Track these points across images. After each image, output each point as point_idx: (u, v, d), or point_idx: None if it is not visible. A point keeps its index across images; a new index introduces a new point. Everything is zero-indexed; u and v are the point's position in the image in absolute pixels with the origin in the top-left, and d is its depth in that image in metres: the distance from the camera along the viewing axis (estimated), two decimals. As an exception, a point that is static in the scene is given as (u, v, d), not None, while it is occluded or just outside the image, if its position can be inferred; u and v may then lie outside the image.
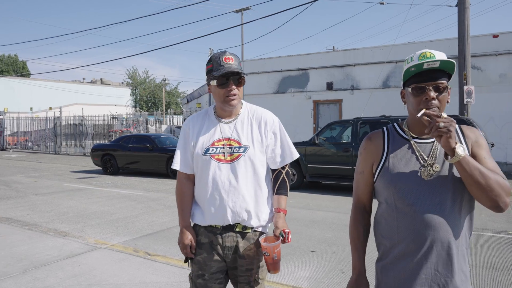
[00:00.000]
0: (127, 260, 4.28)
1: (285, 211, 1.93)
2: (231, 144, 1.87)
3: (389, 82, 14.04)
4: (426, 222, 1.29)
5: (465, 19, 9.93)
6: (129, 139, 13.08)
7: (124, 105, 44.28)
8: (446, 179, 1.31)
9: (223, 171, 1.84)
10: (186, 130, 1.97)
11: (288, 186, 1.99)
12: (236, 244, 1.87)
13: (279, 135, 1.95)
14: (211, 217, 1.87)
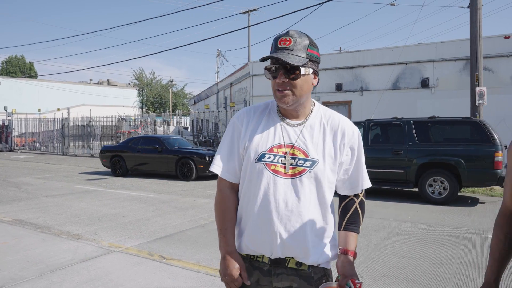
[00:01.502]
0: (142, 264, 4.26)
1: (355, 254, 1.48)
2: (295, 154, 1.44)
3: (399, 84, 13.93)
4: None
5: (477, 20, 9.82)
6: (138, 140, 13.10)
7: (131, 106, 44.44)
8: None
9: (280, 188, 1.41)
10: (237, 125, 1.53)
11: (362, 221, 1.54)
12: (290, 285, 1.46)
13: (357, 152, 1.51)
14: (255, 245, 1.47)
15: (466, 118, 8.20)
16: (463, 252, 4.68)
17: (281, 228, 1.41)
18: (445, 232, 5.62)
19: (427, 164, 8.11)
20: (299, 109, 1.48)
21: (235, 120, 1.55)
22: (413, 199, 8.42)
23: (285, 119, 1.49)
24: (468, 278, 3.86)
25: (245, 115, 1.54)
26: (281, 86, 1.40)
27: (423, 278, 3.85)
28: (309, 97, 1.49)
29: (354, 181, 1.53)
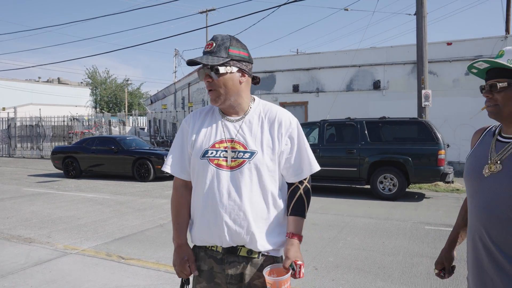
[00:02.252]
0: (100, 265, 4.21)
1: (301, 237, 1.58)
2: (235, 148, 1.53)
3: (353, 85, 14.53)
4: (479, 215, 1.33)
5: (422, 27, 10.50)
6: (93, 141, 12.71)
7: (84, 106, 42.73)
8: (505, 179, 1.27)
9: (222, 180, 1.51)
10: (185, 127, 1.65)
11: (307, 206, 1.63)
12: (242, 272, 1.54)
13: (296, 141, 1.60)
14: (207, 236, 1.56)
15: (413, 119, 8.76)
16: (408, 243, 5.05)
17: (227, 217, 1.49)
18: (393, 226, 6.00)
19: (378, 162, 8.58)
20: (236, 106, 1.58)
21: (184, 123, 1.67)
22: (365, 196, 8.86)
23: (226, 116, 1.60)
24: (412, 265, 4.19)
25: (192, 117, 1.66)
26: (208, 86, 1.54)
27: (373, 268, 4.12)
28: (242, 94, 1.58)
29: (297, 169, 1.60)
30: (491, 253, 1.28)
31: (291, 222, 1.57)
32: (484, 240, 1.30)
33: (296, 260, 1.48)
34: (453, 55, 13.00)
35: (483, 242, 1.31)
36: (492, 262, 1.28)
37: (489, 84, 1.33)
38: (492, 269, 1.28)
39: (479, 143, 1.46)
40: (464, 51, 12.83)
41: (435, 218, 6.50)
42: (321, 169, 1.74)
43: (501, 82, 1.29)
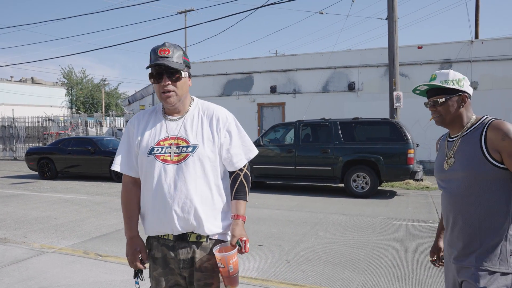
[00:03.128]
0: (78, 262, 4.28)
1: (244, 217, 1.75)
2: (179, 144, 1.70)
3: (328, 87, 14.88)
4: (450, 200, 1.70)
5: (393, 31, 10.91)
6: (69, 142, 12.57)
7: (59, 106, 41.83)
8: (458, 168, 1.67)
9: (169, 173, 1.67)
10: (130, 128, 1.81)
11: (248, 190, 1.81)
12: (192, 256, 1.70)
13: (234, 133, 1.79)
14: (158, 226, 1.71)
15: (384, 119, 9.11)
16: (377, 237, 5.32)
17: (176, 206, 1.66)
18: (364, 221, 6.28)
19: (352, 161, 8.88)
20: (180, 107, 1.76)
21: (129, 125, 1.83)
22: (339, 194, 9.16)
23: (168, 116, 1.77)
24: (378, 257, 4.44)
25: (136, 118, 1.83)
26: (166, 87, 1.67)
27: (341, 260, 4.36)
28: (187, 95, 1.79)
29: (236, 158, 1.78)
30: (458, 224, 1.67)
31: (235, 205, 1.76)
32: (450, 217, 1.70)
33: (241, 237, 1.67)
34: (424, 59, 13.52)
35: (449, 219, 1.71)
36: (459, 229, 1.67)
37: (432, 100, 1.72)
38: (460, 234, 1.66)
39: (439, 147, 1.86)
40: (433, 54, 13.37)
41: (404, 214, 6.82)
42: (297, 168, 2.03)
43: (440, 98, 1.70)
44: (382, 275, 3.88)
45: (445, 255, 1.80)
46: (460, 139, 1.69)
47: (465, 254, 1.64)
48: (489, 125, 1.60)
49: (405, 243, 5.02)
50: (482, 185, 1.59)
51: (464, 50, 12.99)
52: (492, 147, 1.56)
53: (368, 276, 3.86)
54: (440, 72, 1.72)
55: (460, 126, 1.71)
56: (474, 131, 1.65)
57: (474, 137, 1.64)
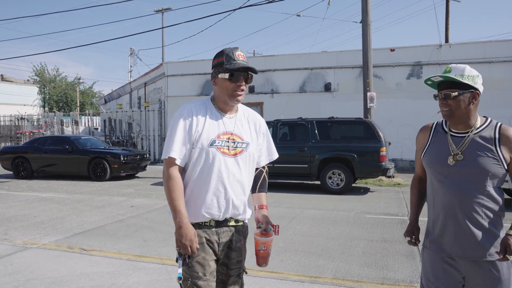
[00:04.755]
0: (63, 256, 4.39)
1: (267, 207, 2.06)
2: (234, 139, 1.91)
3: (305, 87, 15.26)
4: (451, 194, 1.73)
5: (367, 34, 11.35)
6: (45, 140, 12.42)
7: (31, 105, 40.72)
8: (468, 165, 1.69)
9: (228, 165, 1.87)
10: (188, 118, 1.89)
11: (267, 184, 2.12)
12: (231, 239, 1.93)
13: (266, 137, 2.09)
14: (213, 211, 1.87)
15: (358, 119, 9.51)
16: (350, 229, 5.64)
17: (232, 194, 1.89)
18: (338, 215, 6.61)
19: (327, 159, 9.23)
20: (233, 106, 1.97)
21: (186, 115, 1.88)
22: (316, 191, 9.49)
23: (223, 113, 1.95)
24: (350, 247, 4.76)
25: (192, 111, 1.90)
26: (240, 88, 1.88)
27: (317, 250, 4.64)
28: None
29: (264, 157, 2.10)
30: (463, 220, 1.71)
31: (261, 196, 2.05)
32: (458, 211, 1.72)
33: (272, 224, 1.95)
34: (396, 61, 14.08)
35: (457, 213, 1.72)
36: (467, 224, 1.70)
37: (444, 93, 1.73)
38: (468, 230, 1.70)
39: (434, 139, 1.85)
40: (405, 57, 13.95)
41: (376, 209, 7.20)
42: (275, 166, 2.34)
43: (453, 92, 1.70)
44: (354, 262, 4.18)
45: (436, 249, 1.81)
46: (472, 138, 1.72)
47: (476, 248, 1.69)
48: (500, 128, 1.71)
49: (376, 234, 5.36)
50: (490, 182, 1.68)
51: (434, 53, 13.63)
52: (507, 150, 1.67)
53: (341, 264, 4.15)
54: (456, 66, 1.72)
55: (467, 123, 1.74)
56: (484, 131, 1.72)
57: (487, 137, 1.70)
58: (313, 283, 3.63)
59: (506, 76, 13.09)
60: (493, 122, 1.76)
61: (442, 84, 1.75)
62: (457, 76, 1.68)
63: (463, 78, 1.68)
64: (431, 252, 1.84)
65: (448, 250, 1.77)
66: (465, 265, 1.73)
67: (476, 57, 13.29)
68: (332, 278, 3.74)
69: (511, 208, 7.05)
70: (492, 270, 1.69)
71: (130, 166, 11.71)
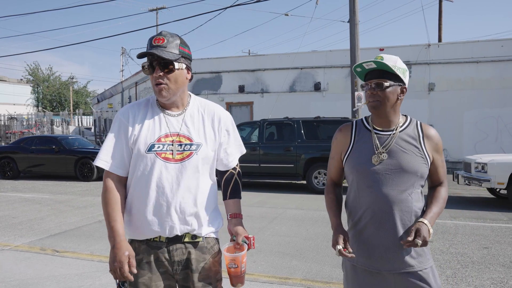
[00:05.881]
0: (33, 259, 4.34)
1: (242, 216, 1.74)
2: (181, 141, 1.60)
3: (295, 87, 15.24)
4: (379, 199, 1.57)
5: (355, 33, 11.33)
6: (32, 140, 12.32)
7: (24, 104, 40.48)
8: (394, 165, 1.57)
9: (171, 172, 1.57)
10: (123, 121, 1.62)
11: (241, 188, 1.81)
12: (188, 257, 1.61)
13: (231, 133, 1.76)
14: (155, 228, 1.57)
15: (344, 118, 9.50)
16: (329, 230, 5.61)
17: (178, 207, 1.57)
18: (320, 215, 6.59)
19: (313, 159, 9.21)
20: (178, 101, 1.64)
21: (120, 117, 1.63)
22: (302, 190, 9.48)
23: (166, 111, 1.63)
24: (326, 247, 4.74)
25: (130, 110, 1.64)
26: (158, 79, 1.54)
27: (292, 250, 4.62)
28: (185, 90, 1.66)
29: (232, 157, 1.77)
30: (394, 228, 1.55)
31: (233, 204, 1.75)
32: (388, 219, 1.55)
33: (246, 235, 1.66)
34: (385, 60, 14.07)
35: (387, 220, 1.56)
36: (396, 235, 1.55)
37: (375, 83, 1.56)
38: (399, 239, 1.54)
39: (357, 138, 1.66)
40: (394, 56, 13.94)
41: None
42: (261, 166, 2.04)
43: (386, 82, 1.55)
44: (327, 263, 4.16)
45: (361, 263, 1.62)
46: (397, 135, 1.60)
47: (406, 258, 1.55)
48: (422, 126, 1.62)
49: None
50: (417, 184, 1.58)
51: (422, 53, 13.64)
52: (431, 148, 1.60)
53: (313, 264, 4.13)
54: (388, 56, 1.58)
55: (392, 119, 1.62)
56: (408, 129, 1.62)
57: (411, 135, 1.61)
58: (282, 285, 3.60)
59: (494, 75, 13.13)
60: (413, 120, 1.67)
61: (372, 73, 1.59)
62: (391, 65, 1.55)
63: (395, 69, 1.55)
64: (356, 267, 1.65)
65: (375, 264, 1.59)
66: (394, 279, 1.57)
67: (464, 57, 13.32)
68: (301, 279, 3.71)
69: (504, 208, 7.10)
70: (421, 280, 1.56)
71: (117, 166, 11.63)
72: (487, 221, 6.13)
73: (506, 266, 4.06)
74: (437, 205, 1.61)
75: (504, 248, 4.69)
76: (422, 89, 13.75)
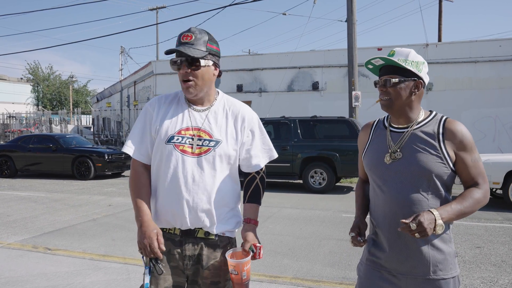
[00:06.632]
0: (25, 256, 4.34)
1: (257, 222, 1.69)
2: (201, 136, 1.62)
3: (293, 86, 15.23)
4: (391, 200, 1.49)
5: (352, 33, 11.33)
6: (30, 139, 12.33)
7: (24, 103, 40.52)
8: (407, 164, 1.47)
9: (187, 166, 1.58)
10: (150, 111, 1.69)
11: (262, 194, 1.75)
12: (199, 253, 1.62)
13: (257, 134, 1.72)
14: (167, 218, 1.62)
15: (340, 118, 9.50)
16: (323, 228, 5.62)
17: (190, 201, 1.58)
18: (314, 214, 6.59)
19: (310, 158, 9.21)
20: (204, 97, 1.65)
21: (148, 106, 1.70)
22: (298, 190, 9.47)
23: (192, 106, 1.66)
24: (318, 246, 4.74)
25: (157, 102, 1.70)
26: (185, 76, 1.57)
27: (284, 249, 4.62)
28: (212, 86, 1.67)
29: (255, 160, 1.71)
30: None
31: (249, 208, 1.69)
32: (398, 218, 1.45)
33: (255, 243, 1.60)
34: (383, 60, 14.07)
35: (398, 223, 1.44)
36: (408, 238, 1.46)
37: (383, 79, 1.51)
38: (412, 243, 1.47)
39: (374, 137, 1.64)
40: (392, 56, 13.94)
41: (354, 208, 7.18)
42: None
43: (394, 78, 1.48)
44: (318, 262, 4.16)
45: (374, 265, 1.58)
46: (411, 133, 1.52)
47: (421, 264, 1.46)
48: (445, 123, 1.50)
49: (347, 233, 5.32)
50: (434, 185, 1.47)
51: (421, 52, 13.61)
52: (452, 147, 1.46)
53: (304, 263, 4.13)
54: (400, 50, 1.52)
55: (408, 116, 1.54)
56: (427, 126, 1.52)
57: (429, 132, 1.50)
58: (271, 283, 3.60)
59: (492, 75, 13.12)
60: (438, 116, 1.54)
61: (384, 69, 1.53)
62: (400, 60, 1.48)
63: (406, 63, 1.48)
64: (369, 268, 1.60)
65: (388, 267, 1.54)
66: (407, 284, 1.50)
67: (462, 57, 13.32)
68: (291, 278, 3.71)
69: (499, 208, 7.08)
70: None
71: (115, 165, 11.64)
72: (481, 221, 6.13)
73: (497, 266, 4.06)
74: (460, 202, 1.44)
75: (497, 248, 4.69)
76: (420, 88, 13.75)
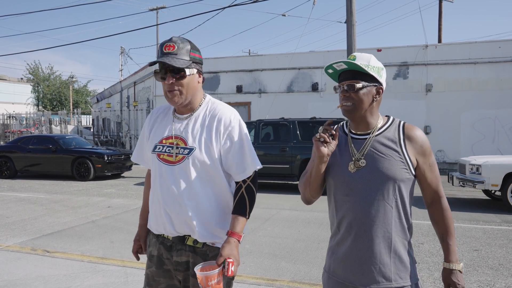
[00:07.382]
0: (23, 259, 4.35)
1: (239, 235, 1.57)
2: (179, 144, 1.62)
3: (293, 87, 15.24)
4: (356, 209, 1.45)
5: (352, 34, 11.33)
6: (29, 140, 12.35)
7: (24, 103, 40.54)
8: (372, 172, 1.44)
9: (164, 174, 1.62)
10: (148, 120, 1.81)
11: (248, 205, 1.62)
12: (188, 260, 1.62)
13: (235, 140, 1.63)
14: (155, 225, 1.68)
15: (339, 119, 9.49)
16: (321, 231, 5.63)
17: (167, 209, 1.60)
18: (313, 216, 6.60)
19: (309, 160, 9.19)
20: (188, 105, 1.66)
21: (149, 116, 1.82)
22: (297, 191, 9.46)
23: (176, 115, 1.70)
24: (316, 249, 4.74)
25: (153, 113, 1.80)
26: (170, 87, 1.57)
27: (282, 252, 4.63)
28: (196, 93, 1.66)
29: (238, 168, 1.63)
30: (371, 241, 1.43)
31: (232, 220, 1.60)
32: (365, 230, 1.44)
33: (228, 258, 1.50)
34: (383, 61, 14.03)
35: (364, 233, 1.44)
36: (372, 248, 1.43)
37: (347, 84, 1.46)
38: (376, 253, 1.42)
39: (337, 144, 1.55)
40: (392, 57, 13.95)
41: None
42: None
43: (358, 83, 1.44)
44: (316, 265, 4.17)
45: (338, 276, 1.52)
46: (374, 139, 1.48)
47: (382, 273, 1.43)
48: (404, 128, 1.49)
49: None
50: (399, 192, 1.45)
51: (420, 53, 13.64)
52: (414, 152, 1.46)
53: (302, 266, 4.14)
54: (360, 55, 1.49)
55: (369, 122, 1.51)
56: (388, 131, 1.50)
57: (391, 138, 1.48)
58: (269, 286, 3.61)
59: (491, 77, 13.12)
60: (396, 121, 1.54)
61: (345, 74, 1.49)
62: (363, 65, 1.44)
63: (368, 68, 1.45)
64: (332, 280, 1.55)
65: (351, 278, 1.48)
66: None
67: (462, 58, 13.31)
68: (289, 281, 3.72)
69: (497, 210, 7.10)
70: None
71: (114, 166, 11.66)
72: (480, 223, 6.14)
73: (494, 269, 4.07)
74: (450, 235, 1.49)
75: (494, 251, 4.69)
76: (419, 90, 13.76)
